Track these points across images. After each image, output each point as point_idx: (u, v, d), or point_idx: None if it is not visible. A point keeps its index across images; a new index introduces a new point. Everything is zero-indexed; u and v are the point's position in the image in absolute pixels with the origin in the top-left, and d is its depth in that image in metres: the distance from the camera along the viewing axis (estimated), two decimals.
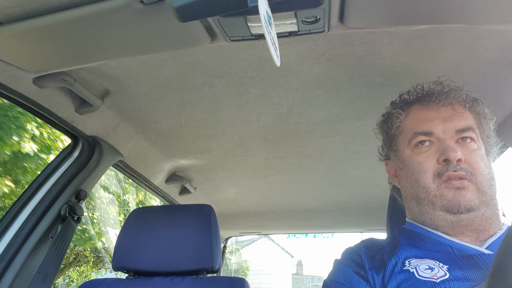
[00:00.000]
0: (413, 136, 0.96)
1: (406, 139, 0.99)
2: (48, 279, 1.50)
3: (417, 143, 0.95)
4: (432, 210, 0.90)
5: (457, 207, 0.86)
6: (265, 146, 1.95)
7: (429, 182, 0.91)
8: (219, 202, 2.84)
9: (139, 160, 1.99)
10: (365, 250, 0.96)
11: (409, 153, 0.97)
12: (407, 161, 0.97)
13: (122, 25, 0.94)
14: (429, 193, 0.90)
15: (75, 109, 1.47)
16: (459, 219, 0.87)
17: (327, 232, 3.61)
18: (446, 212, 0.88)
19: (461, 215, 0.87)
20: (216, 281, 1.46)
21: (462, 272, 0.79)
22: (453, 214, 0.87)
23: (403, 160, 0.99)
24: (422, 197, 0.92)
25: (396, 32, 1.14)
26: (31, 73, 1.19)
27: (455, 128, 0.94)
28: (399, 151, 1.01)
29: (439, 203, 0.89)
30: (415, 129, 0.97)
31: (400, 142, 1.01)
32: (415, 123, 0.99)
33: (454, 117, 0.96)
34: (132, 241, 1.52)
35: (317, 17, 0.92)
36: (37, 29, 0.95)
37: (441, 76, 1.04)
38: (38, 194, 1.54)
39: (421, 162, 0.93)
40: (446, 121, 0.95)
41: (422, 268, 0.82)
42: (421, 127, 0.96)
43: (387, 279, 0.84)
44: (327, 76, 1.36)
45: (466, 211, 0.86)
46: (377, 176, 2.22)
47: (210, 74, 1.36)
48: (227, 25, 0.95)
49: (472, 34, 1.15)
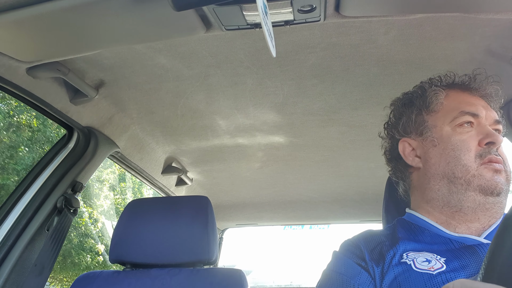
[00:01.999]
0: (459, 115, 0.95)
1: (448, 116, 0.97)
2: (45, 271, 1.50)
3: (461, 123, 0.95)
4: (464, 190, 0.90)
5: (493, 188, 0.88)
6: (261, 136, 1.95)
7: (471, 160, 0.91)
8: (215, 193, 2.84)
9: (135, 151, 1.98)
10: (364, 242, 0.96)
11: (449, 131, 0.96)
12: (447, 138, 0.95)
13: (116, 14, 0.93)
14: (468, 171, 0.90)
15: (69, 100, 1.46)
16: (486, 202, 0.89)
17: (324, 223, 3.62)
18: (479, 193, 0.89)
19: (491, 197, 0.88)
20: (213, 273, 1.46)
21: (459, 262, 0.80)
22: (485, 195, 0.88)
23: (441, 136, 0.97)
24: (459, 176, 0.91)
25: (392, 21, 1.13)
26: (25, 63, 1.18)
27: (494, 117, 0.97)
28: (436, 127, 0.99)
29: (476, 182, 0.89)
30: (462, 108, 0.96)
31: (438, 118, 1.00)
32: (459, 103, 0.98)
33: (490, 109, 0.99)
34: (129, 233, 1.51)
35: (313, 6, 0.92)
36: (30, 19, 0.94)
37: (477, 68, 1.03)
38: (34, 186, 1.53)
39: (464, 140, 0.93)
40: (486, 109, 0.97)
41: (419, 261, 0.83)
42: (468, 107, 0.96)
43: (385, 271, 0.85)
44: (323, 65, 1.36)
45: (496, 194, 0.88)
46: (373, 166, 2.23)
47: (206, 64, 1.36)
48: (222, 14, 0.94)
49: (468, 23, 1.15)
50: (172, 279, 1.43)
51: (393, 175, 1.12)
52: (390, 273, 0.83)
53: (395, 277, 0.82)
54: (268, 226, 3.71)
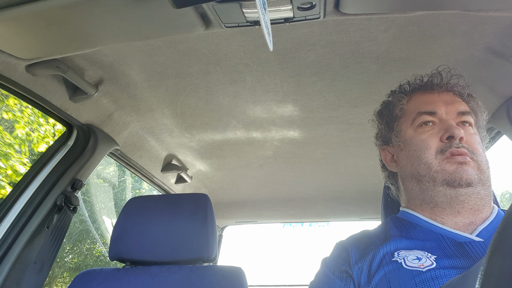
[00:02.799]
0: (417, 116, 0.99)
1: (409, 119, 1.02)
2: (44, 269, 1.50)
3: (420, 123, 0.99)
4: (432, 186, 0.93)
5: (458, 180, 0.89)
6: (261, 133, 1.95)
7: (431, 158, 0.93)
8: (215, 191, 2.84)
9: (135, 148, 1.98)
10: (355, 243, 0.98)
11: (411, 133, 1.00)
12: (410, 140, 1.00)
13: (116, 11, 0.93)
14: (430, 168, 0.93)
15: (69, 97, 1.46)
16: (458, 194, 0.90)
17: (323, 221, 3.62)
18: (447, 186, 0.90)
19: (461, 189, 0.89)
20: (212, 270, 1.46)
21: (449, 261, 0.81)
22: (453, 188, 0.90)
23: (405, 140, 1.01)
24: (423, 174, 0.94)
25: (392, 18, 1.13)
26: (24, 61, 1.18)
27: (456, 110, 0.99)
28: (401, 131, 1.04)
29: (440, 177, 0.91)
30: (419, 109, 1.00)
31: (402, 123, 1.04)
32: (418, 104, 1.02)
33: (455, 102, 1.01)
34: (129, 230, 1.51)
35: (312, 3, 0.92)
36: (30, 16, 0.94)
37: (440, 65, 1.06)
38: (34, 184, 1.53)
39: (424, 139, 0.96)
40: (448, 104, 0.99)
41: (410, 259, 0.84)
42: (425, 107, 1.00)
43: (374, 269, 0.86)
44: (322, 63, 1.36)
45: (466, 185, 0.89)
46: (372, 164, 2.22)
47: (205, 61, 1.35)
48: (222, 11, 0.94)
49: (468, 20, 1.15)
50: (171, 277, 1.44)
51: (385, 181, 1.17)
52: (380, 271, 0.85)
53: (385, 274, 0.84)
54: (267, 224, 3.71)
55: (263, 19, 0.74)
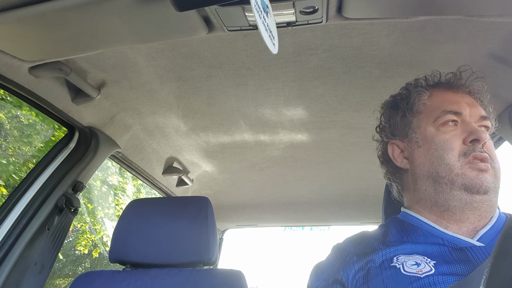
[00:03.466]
0: (442, 114, 0.96)
1: (431, 116, 0.98)
2: (45, 270, 1.50)
3: (444, 122, 0.95)
4: (449, 190, 0.90)
5: (478, 187, 0.87)
6: (262, 137, 1.95)
7: (454, 159, 0.91)
8: (216, 194, 2.84)
9: (136, 151, 1.98)
10: (353, 246, 0.97)
11: (433, 131, 0.96)
12: (431, 138, 0.96)
13: (119, 14, 0.93)
14: (452, 170, 0.90)
15: (71, 99, 1.47)
16: (472, 200, 0.88)
17: (324, 225, 3.62)
18: (464, 191, 0.88)
19: (477, 196, 0.88)
20: (212, 273, 1.46)
21: (449, 267, 0.81)
22: (471, 194, 0.88)
23: (425, 137, 0.98)
24: (443, 175, 0.91)
25: (394, 23, 1.13)
26: (27, 62, 1.18)
27: (479, 114, 0.96)
28: (420, 128, 1.00)
29: (459, 181, 0.89)
30: (444, 107, 0.96)
31: (422, 119, 1.00)
32: (441, 102, 0.99)
33: (476, 105, 0.98)
34: (129, 233, 1.51)
35: (315, 8, 0.92)
36: (33, 17, 0.94)
37: (463, 66, 1.04)
38: (35, 186, 1.53)
39: (447, 140, 0.93)
40: (471, 106, 0.97)
41: (408, 264, 0.83)
42: (450, 106, 0.96)
43: (372, 274, 0.85)
44: (324, 67, 1.36)
45: (483, 193, 0.87)
46: (374, 169, 2.21)
47: (208, 65, 1.36)
48: (224, 15, 0.94)
49: (470, 26, 1.15)
50: (171, 279, 1.43)
51: (386, 177, 1.13)
52: (378, 276, 0.84)
53: (383, 279, 0.83)
54: (268, 228, 3.70)
55: (262, 23, 0.74)
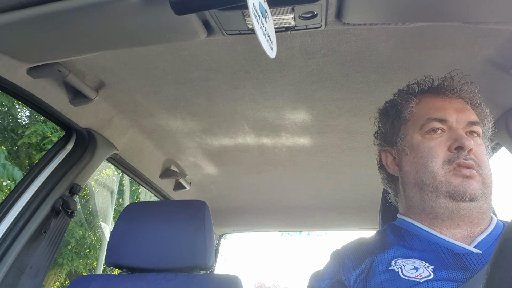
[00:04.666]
0: (427, 122, 0.96)
1: (417, 124, 0.98)
2: (40, 274, 1.49)
3: (429, 129, 0.95)
4: (434, 197, 0.90)
5: (462, 195, 0.87)
6: (260, 141, 1.95)
7: (437, 167, 0.91)
8: (213, 198, 2.83)
9: (134, 153, 1.98)
10: (351, 251, 0.96)
11: (419, 139, 0.96)
12: (416, 146, 0.96)
13: (118, 17, 0.93)
14: (435, 178, 0.90)
15: (69, 101, 1.46)
16: (459, 208, 0.88)
17: (321, 230, 3.61)
18: (449, 199, 0.88)
19: (463, 203, 0.87)
20: (209, 278, 1.45)
21: (447, 272, 0.80)
22: (456, 201, 0.87)
23: (412, 145, 0.98)
24: (427, 183, 0.91)
25: (392, 29, 1.14)
26: (26, 64, 1.18)
27: (467, 119, 0.96)
28: (407, 135, 1.00)
29: (444, 189, 0.89)
30: (429, 115, 0.96)
31: (409, 127, 1.00)
32: (428, 109, 0.99)
33: (466, 110, 0.98)
34: (126, 237, 1.51)
35: (314, 13, 0.92)
36: (31, 19, 0.94)
37: (453, 70, 1.04)
38: (31, 188, 1.52)
39: (432, 147, 0.93)
40: (459, 111, 0.96)
41: (407, 268, 0.83)
42: (435, 113, 0.96)
43: (371, 277, 0.85)
44: (323, 71, 1.36)
45: (469, 200, 0.87)
46: (371, 173, 2.22)
47: (206, 68, 1.36)
48: (223, 19, 0.95)
49: (468, 33, 1.16)
50: (168, 284, 1.43)
51: (383, 183, 1.14)
52: (377, 279, 0.84)
53: (381, 282, 0.82)
54: (265, 232, 3.69)
55: (260, 28, 0.74)
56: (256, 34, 0.74)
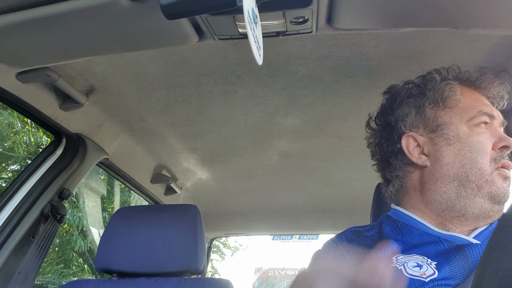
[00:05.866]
0: (478, 114, 0.90)
1: (465, 115, 0.91)
2: (29, 279, 1.47)
3: (479, 123, 0.89)
4: (473, 196, 0.85)
5: (502, 197, 0.84)
6: (251, 145, 1.95)
7: (486, 164, 0.86)
8: (204, 202, 2.82)
9: (124, 158, 1.96)
10: (347, 243, 0.93)
11: (466, 130, 0.90)
12: (465, 138, 0.89)
13: (108, 21, 0.93)
14: (482, 176, 0.85)
15: (59, 106, 1.45)
16: (491, 210, 0.85)
17: (312, 233, 3.62)
18: (488, 200, 0.85)
19: (497, 206, 0.85)
20: (200, 283, 1.45)
21: (450, 268, 0.78)
22: (493, 203, 0.85)
23: (458, 135, 0.90)
24: (472, 179, 0.85)
25: (382, 34, 1.15)
26: (15, 68, 1.17)
27: (501, 119, 0.93)
28: (451, 124, 0.91)
29: (487, 188, 0.85)
30: (480, 108, 0.90)
31: (453, 116, 0.92)
32: (475, 101, 0.93)
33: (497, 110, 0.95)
34: (116, 241, 1.50)
35: (305, 18, 0.93)
36: (21, 23, 0.93)
37: (482, 67, 0.99)
38: (20, 193, 1.50)
39: (481, 142, 0.88)
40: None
41: (410, 265, 0.79)
42: (485, 107, 0.91)
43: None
44: (314, 76, 1.37)
45: (503, 203, 0.85)
46: (362, 177, 2.23)
47: (197, 73, 1.36)
48: (215, 23, 0.95)
49: (457, 38, 1.17)
50: None
51: (386, 173, 1.02)
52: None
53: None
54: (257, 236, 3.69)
55: (252, 33, 0.74)
56: (249, 39, 0.74)
